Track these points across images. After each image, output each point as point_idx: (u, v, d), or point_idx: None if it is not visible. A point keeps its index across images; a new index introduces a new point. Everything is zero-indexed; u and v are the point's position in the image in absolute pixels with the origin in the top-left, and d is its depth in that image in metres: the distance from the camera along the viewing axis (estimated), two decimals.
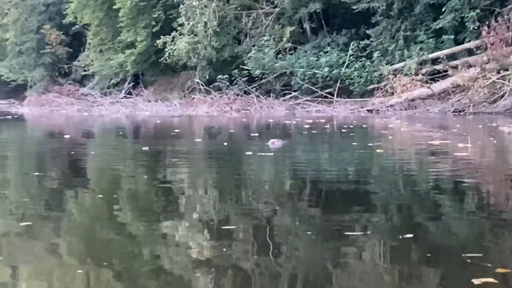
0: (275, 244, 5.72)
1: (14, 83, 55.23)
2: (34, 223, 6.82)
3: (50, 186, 9.70)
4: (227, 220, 6.96)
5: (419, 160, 12.16)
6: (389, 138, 16.97)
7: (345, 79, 31.16)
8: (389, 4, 30.87)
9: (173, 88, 40.30)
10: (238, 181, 9.87)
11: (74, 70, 49.40)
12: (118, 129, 24.02)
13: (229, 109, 32.04)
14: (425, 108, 26.87)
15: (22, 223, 6.72)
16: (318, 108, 30.38)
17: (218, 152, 14.24)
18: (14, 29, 52.31)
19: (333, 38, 34.04)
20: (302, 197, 8.37)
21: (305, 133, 18.75)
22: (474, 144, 13.52)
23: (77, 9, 43.92)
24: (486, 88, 25.45)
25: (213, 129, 23.28)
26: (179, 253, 5.67)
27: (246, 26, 36.00)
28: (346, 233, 6.02)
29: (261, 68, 33.21)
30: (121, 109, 37.03)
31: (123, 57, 40.43)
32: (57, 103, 41.36)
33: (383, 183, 9.43)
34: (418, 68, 28.49)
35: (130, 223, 7.08)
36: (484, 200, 7.92)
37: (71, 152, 14.28)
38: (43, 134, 23.55)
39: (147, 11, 39.25)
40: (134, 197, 8.73)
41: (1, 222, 7.04)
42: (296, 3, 34.30)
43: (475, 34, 28.02)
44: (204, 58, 36.19)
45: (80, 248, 6.01)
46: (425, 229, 6.45)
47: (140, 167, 11.90)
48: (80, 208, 8.05)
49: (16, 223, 6.85)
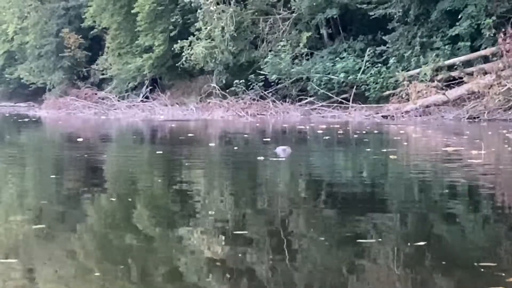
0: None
1: (34, 86, 55.70)
2: (49, 225, 6.91)
3: (61, 188, 9.80)
4: (240, 225, 6.99)
5: (432, 167, 12.14)
6: (403, 144, 16.98)
7: (361, 85, 31.20)
8: (405, 11, 30.91)
9: (190, 92, 40.47)
10: (250, 186, 9.91)
11: (93, 73, 49.75)
12: (133, 133, 24.18)
13: (245, 113, 32.14)
14: (440, 114, 26.85)
15: (36, 226, 6.81)
16: (333, 114, 30.42)
17: (227, 156, 14.30)
18: (34, 32, 52.77)
19: (349, 44, 34.08)
20: (313, 203, 8.39)
21: (317, 138, 18.80)
22: (488, 150, 13.51)
23: (96, 13, 44.29)
24: (501, 95, 25.40)
25: (227, 133, 23.37)
26: (193, 257, 5.74)
27: (263, 31, 36.12)
28: (358, 240, 6.03)
29: (277, 73, 33.33)
30: (137, 113, 37.23)
31: (140, 61, 40.71)
32: (74, 106, 41.65)
33: (396, 189, 9.42)
34: (434, 74, 28.48)
35: (144, 226, 7.14)
36: (499, 207, 7.87)
37: (83, 155, 14.41)
38: (58, 137, 23.77)
39: (165, 15, 39.50)
40: (147, 200, 8.81)
41: (15, 224, 7.12)
42: (313, 8, 34.37)
43: (491, 41, 27.98)
44: (221, 62, 36.35)
45: (95, 252, 6.08)
46: (438, 237, 6.44)
47: (154, 171, 12.01)
48: (94, 210, 8.13)
49: (30, 225, 6.92)
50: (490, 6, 28.34)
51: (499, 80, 25.99)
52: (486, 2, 28.39)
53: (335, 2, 33.83)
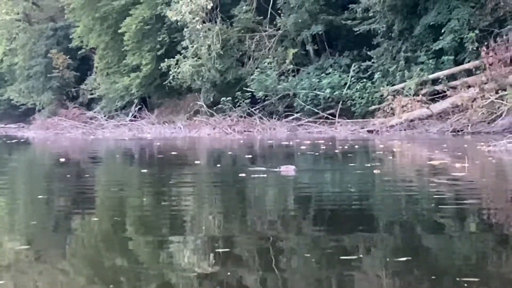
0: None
1: (24, 107, 55.86)
2: (35, 246, 6.87)
3: (46, 209, 9.75)
4: (226, 242, 6.87)
5: (415, 181, 12.12)
6: (388, 159, 17.03)
7: (347, 100, 31.37)
8: (389, 26, 31.16)
9: (179, 111, 40.62)
10: (233, 203, 9.90)
11: (82, 93, 49.93)
12: (117, 152, 24.20)
13: (232, 131, 32.23)
14: (424, 128, 26.99)
15: (21, 247, 6.78)
16: (319, 129, 30.52)
17: (211, 175, 14.27)
18: (23, 53, 53.01)
19: (335, 60, 34.31)
20: (298, 219, 8.34)
21: (303, 155, 18.84)
22: (472, 163, 13.56)
23: (83, 33, 44.49)
24: (485, 108, 25.55)
25: (211, 151, 23.42)
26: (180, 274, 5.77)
27: (250, 49, 36.33)
28: (342, 257, 5.93)
29: (264, 90, 33.49)
30: (125, 132, 37.27)
31: (128, 80, 40.89)
32: (62, 127, 41.68)
33: (379, 205, 9.35)
34: (419, 88, 28.63)
35: (131, 244, 7.11)
36: (484, 222, 7.76)
37: (65, 176, 14.39)
38: (42, 157, 23.78)
39: (151, 34, 39.67)
40: (131, 218, 8.76)
41: (2, 246, 7.09)
42: (298, 25, 34.60)
43: (474, 54, 28.17)
44: (208, 80, 36.54)
45: (83, 271, 6.04)
46: (423, 252, 6.34)
47: (137, 190, 11.98)
48: (79, 229, 8.06)
49: (16, 246, 6.88)
50: (473, 20, 28.55)
51: (483, 93, 26.16)
52: (469, 16, 28.60)
53: (320, 19, 34.08)
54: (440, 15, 29.22)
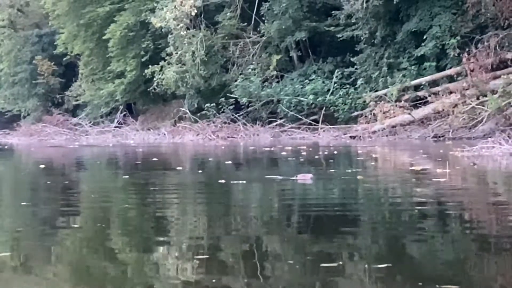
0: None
1: (10, 114, 55.63)
2: (17, 253, 6.83)
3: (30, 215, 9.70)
4: (208, 247, 6.86)
5: (397, 186, 12.14)
6: (370, 164, 17.10)
7: (330, 106, 31.50)
8: (372, 32, 31.32)
9: (164, 117, 40.65)
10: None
11: (67, 100, 49.81)
12: (99, 159, 24.19)
13: (215, 137, 32.29)
14: (406, 134, 27.13)
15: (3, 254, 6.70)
16: (302, 135, 30.62)
17: (194, 183, 14.25)
18: (8, 60, 52.84)
19: (319, 66, 34.44)
20: (275, 221, 8.40)
21: (286, 160, 18.89)
22: (453, 169, 13.64)
23: (68, 40, 44.41)
24: (466, 114, 25.71)
25: (192, 157, 23.45)
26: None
27: (234, 55, 36.41)
28: (322, 264, 5.89)
29: (247, 96, 33.57)
30: (108, 139, 37.24)
31: (113, 87, 40.85)
32: (46, 133, 41.59)
33: (361, 210, 9.32)
34: (401, 94, 28.78)
35: (115, 249, 7.10)
36: (465, 226, 7.79)
37: (45, 182, 14.37)
38: (22, 164, 23.74)
39: (136, 41, 39.67)
40: (113, 223, 8.75)
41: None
42: (282, 31, 34.70)
43: (456, 60, 28.36)
44: (192, 86, 36.57)
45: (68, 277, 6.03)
46: (403, 258, 6.32)
47: (118, 194, 11.99)
48: (61, 236, 8.01)
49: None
50: (454, 26, 28.75)
51: (464, 99, 26.34)
52: (450, 22, 28.81)
53: (303, 25, 34.21)
54: (422, 22, 29.41)
